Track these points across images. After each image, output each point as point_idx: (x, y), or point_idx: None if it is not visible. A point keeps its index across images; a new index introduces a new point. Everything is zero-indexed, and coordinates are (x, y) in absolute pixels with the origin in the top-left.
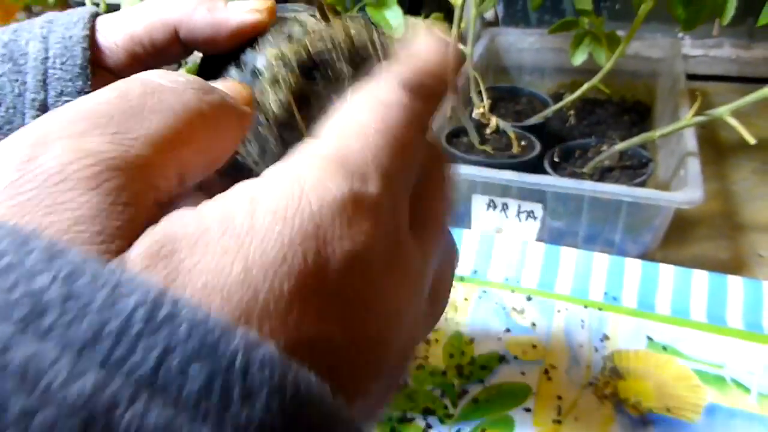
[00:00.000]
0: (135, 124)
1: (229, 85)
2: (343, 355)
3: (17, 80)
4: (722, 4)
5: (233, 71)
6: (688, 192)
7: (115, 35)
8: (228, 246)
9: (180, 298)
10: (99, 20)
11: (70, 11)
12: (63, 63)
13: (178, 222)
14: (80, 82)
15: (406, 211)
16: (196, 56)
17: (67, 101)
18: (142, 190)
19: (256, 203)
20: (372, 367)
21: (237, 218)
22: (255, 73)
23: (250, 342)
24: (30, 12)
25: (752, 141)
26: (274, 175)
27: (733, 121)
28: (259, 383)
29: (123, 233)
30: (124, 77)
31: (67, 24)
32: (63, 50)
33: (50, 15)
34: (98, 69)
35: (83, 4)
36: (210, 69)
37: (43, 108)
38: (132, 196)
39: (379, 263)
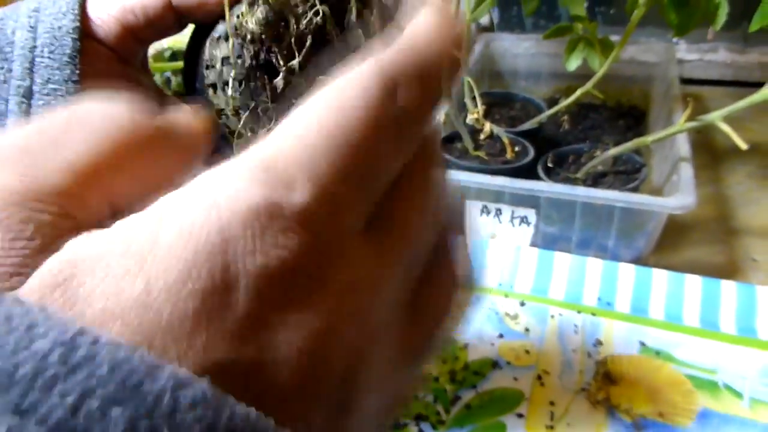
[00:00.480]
0: (51, 155)
1: (181, 113)
2: (262, 379)
3: (2, 67)
4: (714, 10)
5: (220, 27)
6: (681, 197)
7: (108, 5)
8: (128, 265)
9: (101, 334)
10: None
11: None
12: (51, 52)
13: (81, 245)
14: (68, 71)
15: (357, 218)
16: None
17: (53, 89)
18: (53, 221)
19: (164, 218)
20: (306, 390)
21: (141, 235)
22: (239, 22)
23: (179, 379)
24: None
25: (744, 147)
26: (192, 188)
27: (725, 127)
28: (189, 424)
29: (24, 269)
30: (115, 49)
31: (56, 14)
32: (52, 40)
33: (36, 1)
34: (89, 40)
35: None
36: (201, 39)
37: (28, 94)
38: (38, 228)
39: (304, 277)
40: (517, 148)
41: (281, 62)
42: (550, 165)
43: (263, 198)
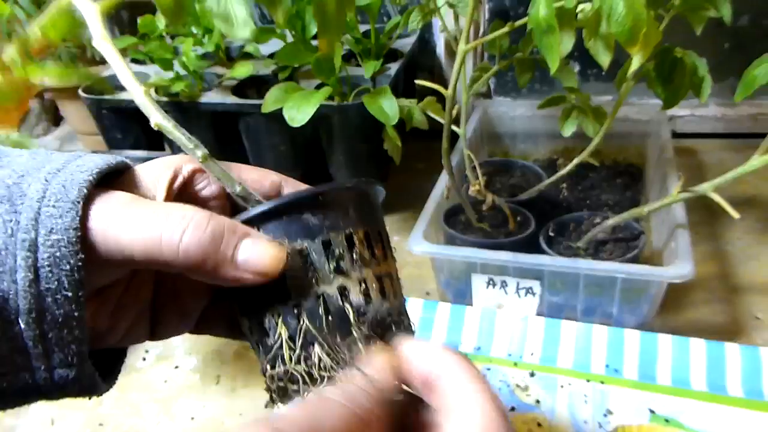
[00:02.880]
0: None
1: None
2: None
3: (11, 220)
4: (699, 84)
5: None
6: (679, 267)
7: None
8: None
9: None
10: None
11: (90, 157)
12: (57, 200)
13: None
14: (69, 218)
15: None
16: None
17: (56, 239)
18: None
19: None
20: None
21: None
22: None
23: None
24: (43, 98)
25: (737, 216)
26: None
27: (717, 198)
28: None
29: None
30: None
31: (75, 171)
32: (60, 189)
33: (62, 162)
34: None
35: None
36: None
37: (34, 248)
38: None
39: None
40: (518, 218)
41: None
42: (551, 234)
43: None
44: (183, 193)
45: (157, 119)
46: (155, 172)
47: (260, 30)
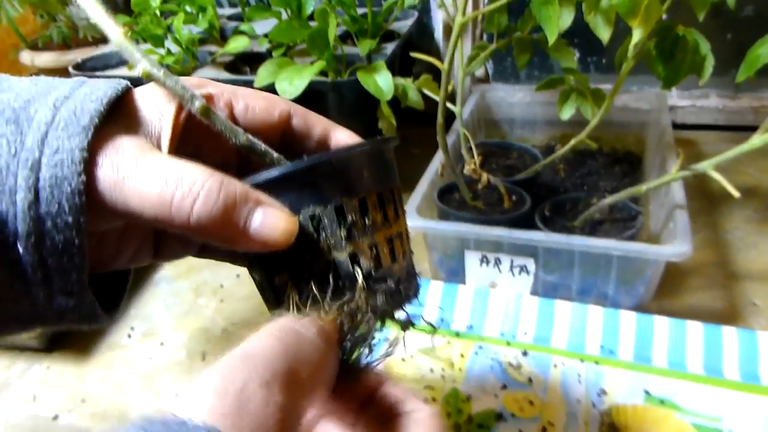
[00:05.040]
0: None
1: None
2: None
3: (16, 140)
4: (701, 63)
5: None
6: (677, 245)
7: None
8: None
9: None
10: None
11: (96, 83)
12: (66, 125)
13: None
14: (77, 140)
15: None
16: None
17: (60, 159)
18: None
19: None
20: None
21: None
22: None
23: None
24: (35, 48)
25: (737, 194)
26: None
27: (716, 176)
28: None
29: None
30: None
31: (84, 100)
32: (71, 116)
33: (68, 88)
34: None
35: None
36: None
37: (36, 167)
38: None
39: None
40: (514, 198)
41: None
42: (547, 214)
43: None
44: (190, 122)
45: (145, 66)
46: (159, 101)
47: (255, 8)
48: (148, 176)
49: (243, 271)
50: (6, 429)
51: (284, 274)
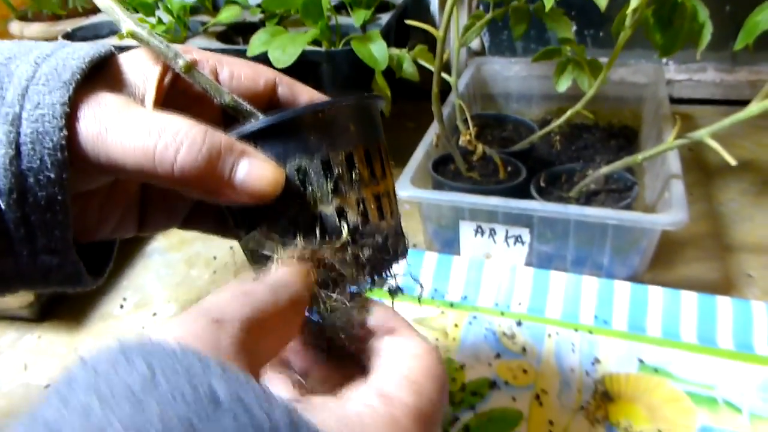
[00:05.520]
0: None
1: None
2: None
3: None
4: (699, 31)
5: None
6: (672, 214)
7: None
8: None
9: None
10: None
11: (79, 45)
12: (48, 80)
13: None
14: (58, 94)
15: None
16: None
17: (40, 114)
18: None
19: (364, 413)
20: None
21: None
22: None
23: None
24: (25, 19)
25: (733, 162)
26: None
27: (713, 143)
28: None
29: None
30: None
31: (66, 58)
32: (52, 71)
33: (50, 48)
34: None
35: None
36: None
37: (17, 122)
38: None
39: None
40: (509, 169)
41: None
42: (542, 184)
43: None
44: (175, 86)
45: (129, 26)
46: (143, 64)
47: None
48: (131, 127)
49: (236, 243)
50: None
51: (270, 230)
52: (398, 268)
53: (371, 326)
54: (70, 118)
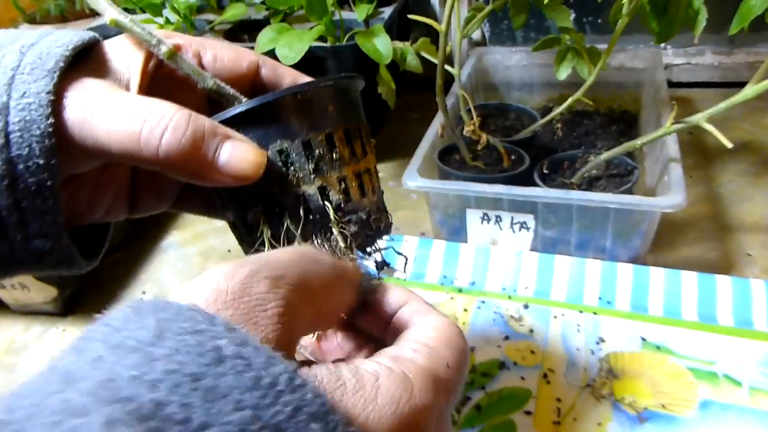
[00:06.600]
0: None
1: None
2: None
3: None
4: (694, 17)
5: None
6: (671, 197)
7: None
8: (357, 402)
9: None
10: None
11: (62, 32)
12: (33, 69)
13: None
14: (43, 83)
15: None
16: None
17: (27, 103)
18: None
19: (381, 383)
20: None
21: (368, 386)
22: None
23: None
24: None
25: (729, 145)
26: (396, 365)
27: (709, 127)
28: None
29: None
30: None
31: (50, 46)
32: (36, 60)
33: (35, 36)
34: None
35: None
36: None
37: (5, 111)
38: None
39: None
40: (513, 157)
41: None
42: (545, 171)
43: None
44: (159, 72)
45: (112, 15)
46: (128, 51)
47: None
48: (116, 111)
49: None
50: None
51: (256, 210)
52: (382, 243)
53: (392, 310)
54: (56, 105)
